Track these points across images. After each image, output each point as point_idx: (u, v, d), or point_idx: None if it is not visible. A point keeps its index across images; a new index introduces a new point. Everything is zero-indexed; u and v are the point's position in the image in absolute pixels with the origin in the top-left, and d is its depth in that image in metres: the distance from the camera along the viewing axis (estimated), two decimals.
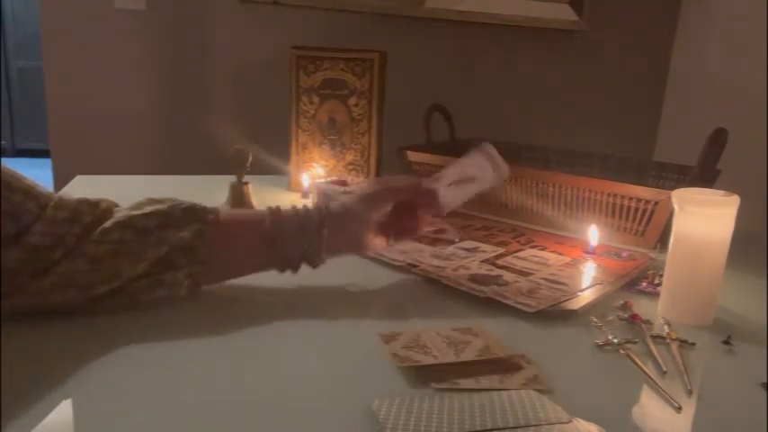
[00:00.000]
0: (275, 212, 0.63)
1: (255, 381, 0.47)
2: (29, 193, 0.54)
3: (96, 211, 0.58)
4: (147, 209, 0.59)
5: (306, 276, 0.68)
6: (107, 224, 0.56)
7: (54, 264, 0.53)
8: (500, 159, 0.75)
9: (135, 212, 0.58)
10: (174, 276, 0.58)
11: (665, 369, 0.52)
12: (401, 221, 0.70)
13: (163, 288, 0.57)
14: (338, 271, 0.73)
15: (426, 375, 0.48)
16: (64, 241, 0.54)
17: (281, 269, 0.64)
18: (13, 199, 0.53)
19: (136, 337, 0.53)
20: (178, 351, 0.51)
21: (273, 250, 0.62)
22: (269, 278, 0.65)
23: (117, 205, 0.61)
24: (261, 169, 1.12)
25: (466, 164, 0.74)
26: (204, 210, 0.61)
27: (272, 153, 1.23)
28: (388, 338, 0.53)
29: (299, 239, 0.62)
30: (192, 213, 0.60)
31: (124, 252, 0.56)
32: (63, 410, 0.42)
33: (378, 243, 0.69)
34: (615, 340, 0.57)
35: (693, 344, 0.58)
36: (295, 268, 0.64)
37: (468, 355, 0.51)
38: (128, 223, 0.57)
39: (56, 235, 0.54)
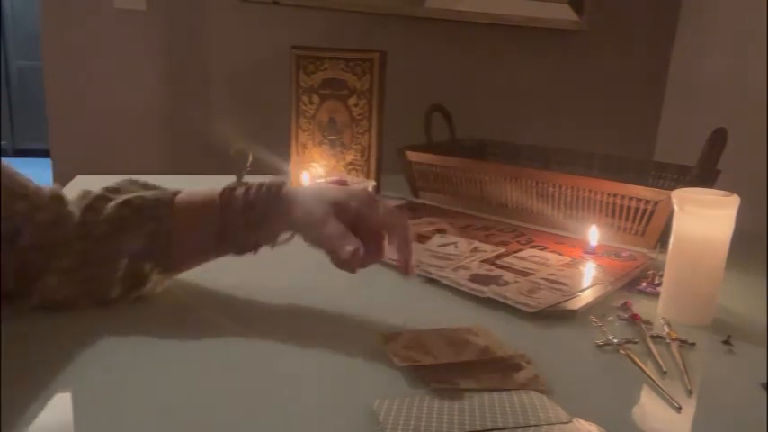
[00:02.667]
0: (225, 196, 0.59)
1: (255, 380, 0.47)
2: (22, 194, 0.54)
3: (78, 212, 0.57)
4: (104, 209, 0.57)
5: (306, 276, 0.68)
6: (68, 233, 0.55)
7: (39, 272, 0.54)
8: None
9: (88, 218, 0.56)
10: (143, 279, 0.58)
11: (665, 369, 0.52)
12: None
13: (136, 290, 0.58)
14: (338, 271, 0.73)
15: (426, 375, 0.48)
16: (47, 248, 0.54)
17: (238, 253, 0.60)
18: (6, 201, 0.53)
19: (138, 331, 0.53)
20: (170, 348, 0.51)
21: (225, 236, 0.59)
22: (268, 277, 0.65)
23: (89, 194, 0.60)
24: (261, 169, 1.12)
25: None
26: (157, 203, 0.59)
27: (272, 153, 1.23)
28: (388, 338, 0.53)
29: (248, 226, 0.58)
30: (145, 212, 0.58)
31: (89, 262, 0.55)
32: (58, 406, 0.42)
33: (338, 235, 0.56)
34: (615, 340, 0.57)
35: (693, 344, 0.58)
36: (253, 251, 0.60)
37: (469, 355, 0.51)
38: (85, 232, 0.56)
39: (43, 240, 0.54)
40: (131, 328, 0.54)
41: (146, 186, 0.63)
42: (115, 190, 0.60)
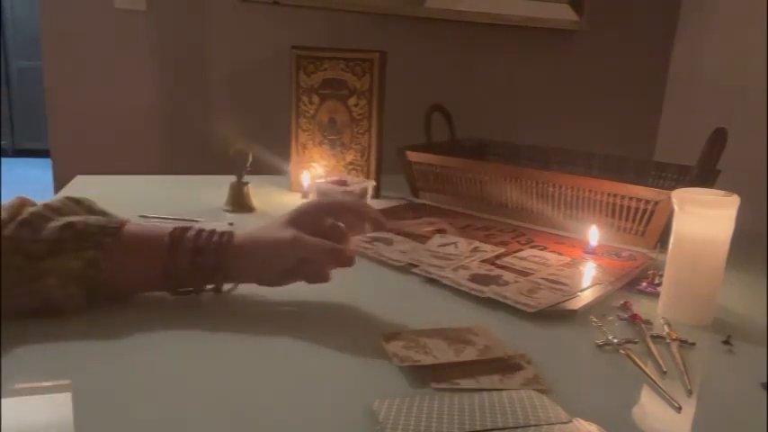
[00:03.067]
0: (175, 238, 0.58)
1: (255, 380, 0.47)
2: None
3: None
4: (44, 228, 0.54)
5: None
6: None
7: None
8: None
9: (24, 233, 0.53)
10: (66, 292, 0.54)
11: (665, 369, 0.52)
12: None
13: (63, 305, 0.54)
14: (338, 270, 0.73)
15: (426, 375, 0.48)
16: None
17: (181, 293, 0.59)
18: None
19: (133, 332, 0.53)
20: (173, 349, 0.51)
21: (168, 278, 0.58)
22: None
23: (29, 204, 0.57)
24: (261, 169, 1.12)
25: None
26: (102, 231, 0.56)
27: (272, 153, 1.23)
28: (388, 338, 0.53)
29: (194, 273, 0.58)
30: (87, 239, 0.55)
31: (12, 279, 0.52)
32: (62, 404, 0.42)
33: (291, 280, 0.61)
34: (615, 340, 0.57)
35: (693, 344, 0.58)
36: (196, 293, 0.60)
37: (469, 355, 0.51)
38: (17, 247, 0.53)
39: None
40: (121, 328, 0.54)
41: (90, 210, 0.60)
42: (56, 209, 0.57)
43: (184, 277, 0.58)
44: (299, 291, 0.65)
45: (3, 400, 0.37)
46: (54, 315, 0.54)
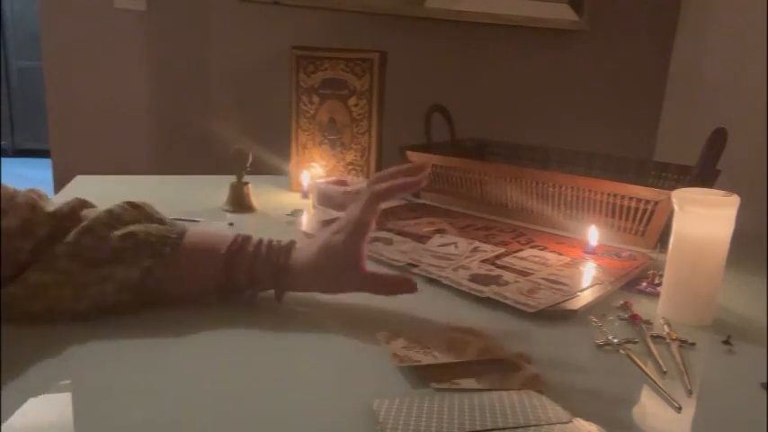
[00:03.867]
0: (232, 252, 0.58)
1: (255, 380, 0.47)
2: None
3: (54, 221, 0.55)
4: (106, 236, 0.55)
5: None
6: (58, 249, 0.53)
7: (5, 281, 0.51)
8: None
9: (86, 241, 0.54)
10: (123, 308, 0.55)
11: (665, 369, 0.52)
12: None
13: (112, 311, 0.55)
14: None
15: (426, 375, 0.48)
16: (16, 257, 0.52)
17: (235, 301, 0.60)
18: None
19: (124, 335, 0.53)
20: (170, 350, 0.51)
21: (226, 291, 0.59)
22: None
23: (87, 205, 0.58)
24: (261, 169, 1.12)
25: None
26: (162, 242, 0.57)
27: (272, 153, 1.23)
28: (388, 338, 0.53)
29: (250, 285, 0.59)
30: (147, 249, 0.56)
31: (67, 284, 0.53)
32: (30, 409, 0.42)
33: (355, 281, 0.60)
34: (615, 340, 0.57)
35: (693, 344, 0.58)
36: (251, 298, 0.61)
37: (469, 355, 0.51)
38: (77, 253, 0.54)
39: (9, 247, 0.52)
40: (116, 330, 0.54)
41: (150, 217, 0.60)
42: (118, 216, 0.58)
43: (239, 292, 0.59)
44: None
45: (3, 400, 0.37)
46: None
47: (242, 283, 0.59)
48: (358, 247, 0.58)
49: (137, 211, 0.59)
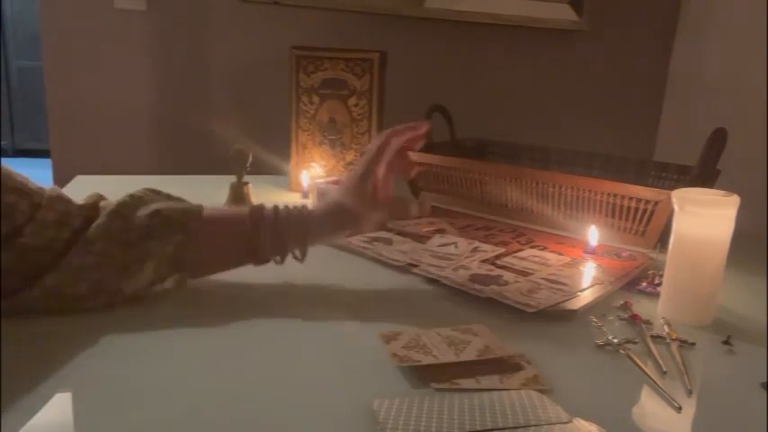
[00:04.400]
0: (255, 215, 0.63)
1: (254, 380, 0.47)
2: (22, 192, 0.54)
3: (84, 212, 0.58)
4: (133, 216, 0.58)
5: (305, 275, 0.68)
6: (91, 233, 0.56)
7: (43, 270, 0.53)
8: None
9: (116, 223, 0.57)
10: (160, 283, 0.60)
11: (665, 369, 0.52)
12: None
13: (148, 290, 0.60)
14: (338, 271, 0.73)
15: (426, 375, 0.48)
16: (52, 246, 0.54)
17: (262, 264, 0.65)
18: (6, 199, 0.52)
19: (130, 329, 0.53)
20: (173, 346, 0.51)
21: (253, 252, 0.63)
22: (267, 275, 0.65)
23: (103, 198, 0.61)
24: (261, 169, 1.12)
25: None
26: (186, 216, 0.60)
27: (272, 153, 1.23)
28: (388, 338, 0.53)
29: (277, 243, 0.63)
30: (174, 223, 0.59)
31: (109, 265, 0.56)
32: (56, 404, 0.42)
33: (370, 224, 0.69)
34: (615, 340, 0.57)
35: (693, 344, 0.58)
36: (280, 261, 0.65)
37: (469, 355, 0.51)
38: (110, 235, 0.56)
39: (45, 238, 0.54)
40: (131, 326, 0.54)
41: (169, 197, 0.64)
42: (140, 197, 0.61)
43: (268, 252, 0.63)
44: (297, 290, 0.65)
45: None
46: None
47: (268, 245, 0.62)
48: (373, 175, 0.67)
49: (157, 195, 0.63)
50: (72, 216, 0.56)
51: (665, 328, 0.60)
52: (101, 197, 0.62)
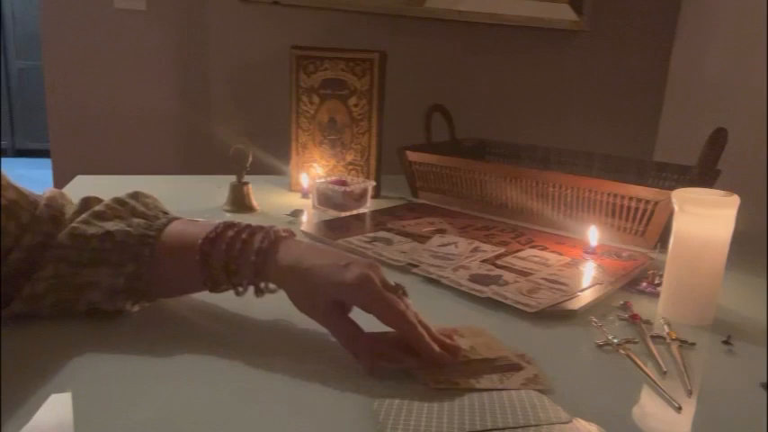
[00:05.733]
0: (205, 249, 0.54)
1: (254, 380, 0.47)
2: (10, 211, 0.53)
3: (43, 227, 0.55)
4: (87, 235, 0.55)
5: None
6: (46, 254, 0.54)
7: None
8: None
9: (70, 242, 0.54)
10: (113, 305, 0.55)
11: (665, 369, 0.52)
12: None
13: (101, 311, 0.56)
14: None
15: (426, 375, 0.48)
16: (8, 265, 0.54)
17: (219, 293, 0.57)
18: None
19: (130, 339, 0.53)
20: (167, 351, 0.51)
21: (206, 284, 0.56)
22: None
23: (66, 200, 0.59)
24: (261, 169, 1.12)
25: None
26: (141, 243, 0.55)
27: (272, 153, 1.23)
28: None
29: (229, 278, 0.55)
30: (126, 251, 0.55)
31: (62, 287, 0.54)
32: (47, 414, 0.42)
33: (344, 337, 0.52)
34: (615, 340, 0.57)
35: (693, 344, 0.58)
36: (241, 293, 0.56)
37: (469, 355, 0.51)
38: (64, 257, 0.54)
39: (31, 264, 0.54)
40: (118, 338, 0.54)
41: (134, 211, 0.59)
42: (101, 214, 0.57)
43: (223, 285, 0.56)
44: None
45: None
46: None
47: (222, 278, 0.55)
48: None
49: (123, 208, 0.59)
50: (27, 233, 0.55)
51: (665, 328, 0.60)
52: (60, 194, 0.59)
